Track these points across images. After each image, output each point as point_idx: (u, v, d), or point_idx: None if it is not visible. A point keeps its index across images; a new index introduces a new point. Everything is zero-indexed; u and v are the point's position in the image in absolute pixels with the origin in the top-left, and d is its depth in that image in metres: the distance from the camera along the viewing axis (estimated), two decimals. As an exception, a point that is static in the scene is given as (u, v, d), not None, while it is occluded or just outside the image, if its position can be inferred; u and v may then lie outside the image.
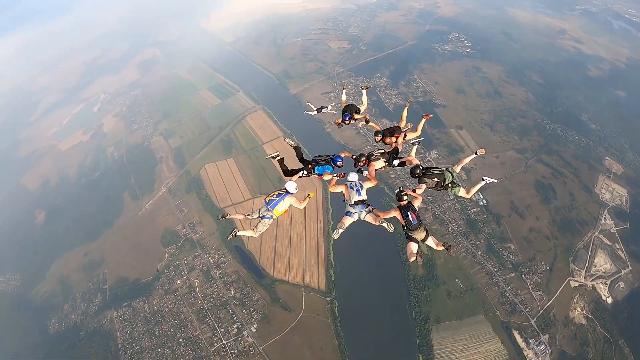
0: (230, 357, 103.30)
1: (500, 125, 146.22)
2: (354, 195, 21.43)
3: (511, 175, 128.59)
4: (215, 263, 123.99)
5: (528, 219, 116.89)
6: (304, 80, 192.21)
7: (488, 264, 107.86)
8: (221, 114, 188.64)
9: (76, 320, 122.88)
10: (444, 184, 22.82)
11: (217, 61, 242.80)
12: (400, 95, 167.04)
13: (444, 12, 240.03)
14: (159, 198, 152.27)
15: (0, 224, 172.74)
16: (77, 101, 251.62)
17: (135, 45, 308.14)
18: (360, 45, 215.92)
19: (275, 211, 22.46)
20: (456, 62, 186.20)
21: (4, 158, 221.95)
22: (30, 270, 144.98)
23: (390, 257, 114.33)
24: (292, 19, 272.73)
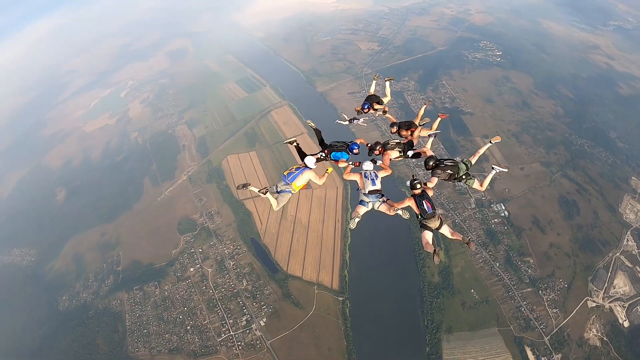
0: (237, 348, 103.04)
1: (526, 136, 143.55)
2: (369, 184, 21.33)
3: (535, 188, 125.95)
4: (229, 254, 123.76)
5: (549, 234, 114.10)
6: (332, 79, 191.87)
7: (505, 277, 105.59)
8: (247, 106, 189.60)
9: (87, 299, 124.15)
10: (458, 175, 22.65)
11: (246, 55, 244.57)
12: (427, 99, 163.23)
13: (476, 20, 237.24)
14: (178, 185, 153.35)
15: (21, 200, 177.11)
16: (106, 86, 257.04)
17: (166, 35, 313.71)
18: (390, 48, 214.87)
19: (294, 185, 22.42)
20: (486, 71, 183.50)
21: (29, 136, 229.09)
22: (46, 246, 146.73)
23: (407, 261, 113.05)
24: (323, 18, 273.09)
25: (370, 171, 22.09)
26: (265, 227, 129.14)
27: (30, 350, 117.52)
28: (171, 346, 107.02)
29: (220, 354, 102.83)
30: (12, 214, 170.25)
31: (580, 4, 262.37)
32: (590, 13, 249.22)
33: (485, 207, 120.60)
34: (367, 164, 22.57)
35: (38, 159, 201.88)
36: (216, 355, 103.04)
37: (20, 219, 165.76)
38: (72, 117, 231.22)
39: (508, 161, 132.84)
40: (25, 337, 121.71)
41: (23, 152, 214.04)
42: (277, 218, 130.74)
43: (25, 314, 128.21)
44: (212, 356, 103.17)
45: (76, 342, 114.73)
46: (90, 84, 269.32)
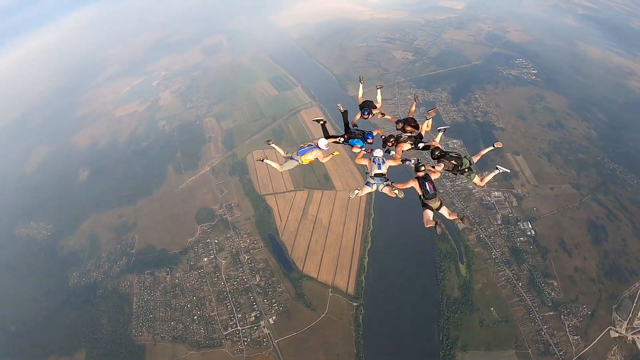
0: (242, 344, 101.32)
1: (558, 157, 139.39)
2: (375, 168, 23.02)
3: (564, 210, 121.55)
4: (245, 248, 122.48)
5: (575, 258, 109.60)
6: (365, 84, 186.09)
7: (527, 298, 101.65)
8: (277, 104, 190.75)
9: (97, 278, 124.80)
10: (461, 168, 23.65)
11: (280, 55, 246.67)
12: (459, 112, 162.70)
13: (513, 37, 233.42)
14: (201, 175, 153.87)
15: (44, 176, 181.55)
16: (139, 74, 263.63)
17: (203, 30, 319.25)
18: (424, 59, 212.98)
19: (302, 158, 25.28)
20: (520, 88, 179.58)
21: (60, 115, 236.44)
22: (63, 222, 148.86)
23: (427, 272, 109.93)
24: (359, 25, 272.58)
25: (379, 157, 23.64)
26: (284, 224, 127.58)
27: (35, 321, 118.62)
28: (175, 334, 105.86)
29: (224, 348, 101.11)
30: (34, 188, 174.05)
31: (619, 29, 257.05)
32: (629, 39, 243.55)
33: (511, 224, 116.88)
34: (377, 151, 24.09)
35: (66, 138, 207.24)
36: (220, 348, 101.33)
37: (41, 193, 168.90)
38: (104, 102, 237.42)
39: (538, 180, 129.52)
40: (32, 308, 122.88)
41: (53, 130, 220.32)
42: (297, 216, 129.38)
43: (35, 286, 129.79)
44: (216, 349, 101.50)
45: (80, 319, 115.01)
46: (124, 71, 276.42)
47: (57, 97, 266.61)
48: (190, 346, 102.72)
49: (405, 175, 21.50)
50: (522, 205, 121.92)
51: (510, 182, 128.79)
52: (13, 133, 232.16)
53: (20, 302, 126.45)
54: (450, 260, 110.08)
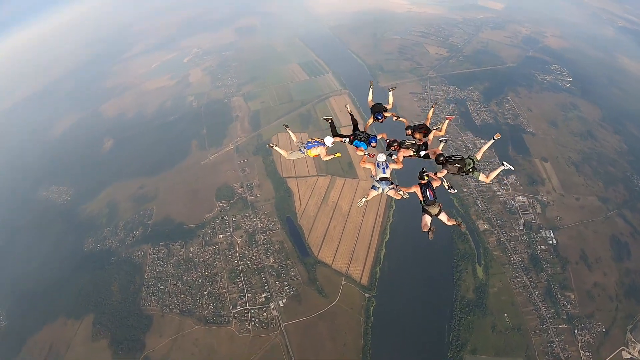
0: (250, 324, 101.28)
1: (587, 167, 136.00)
2: (380, 172, 23.53)
3: (588, 222, 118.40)
4: (262, 228, 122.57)
5: (595, 272, 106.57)
6: (396, 76, 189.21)
7: (542, 308, 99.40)
8: (306, 89, 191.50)
9: (112, 245, 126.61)
10: (465, 169, 23.59)
11: (313, 41, 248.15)
12: (490, 112, 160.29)
13: (550, 43, 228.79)
14: (225, 153, 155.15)
15: (69, 142, 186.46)
16: (170, 50, 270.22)
17: (238, 11, 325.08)
18: (459, 56, 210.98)
19: (308, 151, 25.76)
20: (553, 94, 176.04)
21: (90, 85, 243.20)
22: (83, 189, 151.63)
23: (443, 271, 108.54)
24: (395, 18, 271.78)
25: (382, 161, 23.98)
26: (303, 209, 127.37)
27: (47, 283, 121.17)
28: (184, 307, 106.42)
29: (231, 326, 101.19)
30: (58, 153, 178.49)
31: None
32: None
33: (533, 230, 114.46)
34: (380, 156, 24.32)
35: (94, 107, 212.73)
36: (227, 326, 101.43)
37: (65, 159, 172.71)
38: (134, 74, 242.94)
39: (564, 189, 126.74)
40: (45, 269, 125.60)
41: (81, 98, 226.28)
42: (317, 201, 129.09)
43: (50, 248, 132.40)
44: (223, 326, 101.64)
45: (92, 285, 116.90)
46: (156, 46, 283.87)
47: (88, 67, 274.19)
48: (198, 320, 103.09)
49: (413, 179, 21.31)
50: (546, 213, 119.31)
51: (536, 188, 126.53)
52: (42, 99, 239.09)
53: (34, 263, 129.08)
54: (468, 261, 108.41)
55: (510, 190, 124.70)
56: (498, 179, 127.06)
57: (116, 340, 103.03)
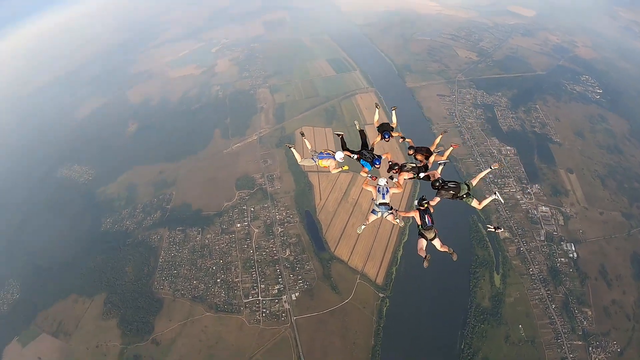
0: (260, 315, 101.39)
1: (612, 182, 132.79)
2: (379, 197, 24.91)
3: (610, 238, 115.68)
4: (280, 220, 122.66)
5: (614, 290, 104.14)
6: (424, 77, 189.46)
7: (558, 322, 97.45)
8: (332, 85, 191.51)
9: (129, 227, 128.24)
10: (459, 194, 24.85)
11: (342, 37, 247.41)
12: (517, 119, 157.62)
13: (581, 53, 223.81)
14: (247, 143, 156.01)
15: (94, 124, 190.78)
16: (198, 40, 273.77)
17: (267, 4, 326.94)
18: (488, 61, 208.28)
19: (319, 162, 27.30)
20: (582, 105, 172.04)
21: (117, 70, 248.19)
22: (105, 170, 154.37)
23: (460, 277, 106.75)
24: (425, 19, 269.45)
25: (383, 186, 25.16)
26: (323, 204, 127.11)
27: (63, 259, 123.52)
28: (196, 293, 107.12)
29: (242, 315, 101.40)
30: (82, 133, 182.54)
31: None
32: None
33: (554, 242, 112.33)
34: (381, 180, 25.48)
35: (120, 92, 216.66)
36: (237, 315, 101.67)
37: (89, 140, 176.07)
38: (161, 62, 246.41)
39: (588, 202, 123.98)
40: (62, 246, 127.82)
41: (108, 83, 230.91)
42: (337, 197, 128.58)
43: (68, 226, 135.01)
44: (233, 315, 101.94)
45: (106, 264, 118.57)
46: (185, 35, 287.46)
47: (116, 52, 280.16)
48: (208, 307, 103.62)
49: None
50: (568, 225, 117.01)
51: (559, 199, 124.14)
52: (70, 81, 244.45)
53: (51, 240, 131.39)
54: (486, 268, 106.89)
55: (533, 199, 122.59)
56: (522, 188, 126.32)
57: (126, 320, 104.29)
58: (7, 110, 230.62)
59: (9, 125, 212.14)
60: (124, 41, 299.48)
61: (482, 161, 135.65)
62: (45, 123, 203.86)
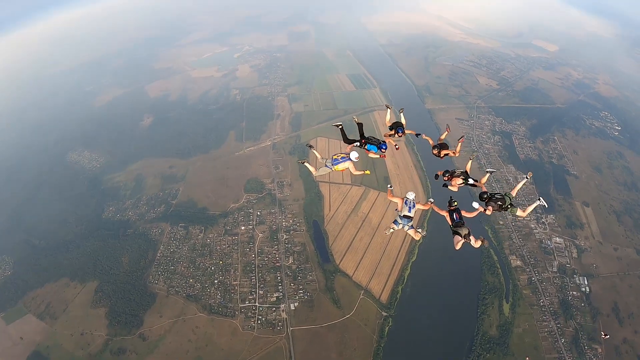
0: (255, 321, 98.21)
1: (628, 219, 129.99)
2: (406, 210, 25.10)
3: (624, 275, 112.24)
4: (286, 227, 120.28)
5: (626, 328, 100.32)
6: (443, 100, 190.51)
7: (567, 357, 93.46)
8: (351, 99, 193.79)
9: (131, 217, 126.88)
10: (504, 205, 25.69)
11: (365, 55, 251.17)
12: (534, 149, 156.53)
13: (601, 90, 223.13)
14: (260, 148, 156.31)
15: (110, 112, 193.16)
16: (223, 44, 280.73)
17: (294, 17, 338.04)
18: (509, 90, 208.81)
19: (335, 167, 27.05)
20: (600, 141, 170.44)
21: (140, 64, 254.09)
22: (115, 158, 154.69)
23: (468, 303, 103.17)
24: (448, 45, 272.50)
25: (411, 200, 25.57)
26: (332, 215, 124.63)
27: (60, 242, 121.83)
28: (191, 292, 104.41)
29: (235, 320, 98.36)
30: (97, 120, 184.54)
31: None
32: None
33: (567, 275, 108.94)
34: (410, 194, 26.05)
35: (140, 85, 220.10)
36: (231, 319, 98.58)
37: (103, 128, 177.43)
38: (184, 61, 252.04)
39: (603, 237, 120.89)
40: (61, 229, 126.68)
41: (130, 75, 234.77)
42: (347, 210, 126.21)
43: (70, 209, 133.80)
44: (227, 318, 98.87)
45: (103, 252, 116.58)
46: (210, 39, 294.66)
47: (142, 47, 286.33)
48: (202, 308, 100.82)
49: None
50: (582, 259, 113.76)
51: (574, 231, 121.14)
52: (93, 69, 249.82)
53: (52, 221, 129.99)
54: (495, 295, 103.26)
55: (547, 229, 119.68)
56: (536, 217, 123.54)
57: (115, 311, 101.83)
58: (30, 88, 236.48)
59: (30, 102, 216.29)
60: (151, 37, 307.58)
61: (498, 187, 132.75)
62: (64, 106, 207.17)
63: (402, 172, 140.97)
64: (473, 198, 27.01)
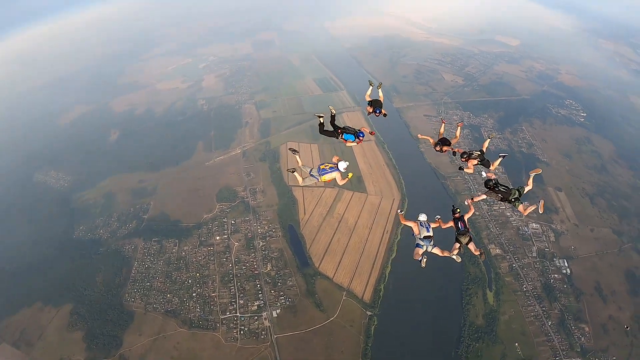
0: (238, 332, 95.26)
1: (601, 200, 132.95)
2: (424, 231, 24.78)
3: (603, 254, 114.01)
4: (262, 234, 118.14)
5: (610, 306, 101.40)
6: (410, 98, 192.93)
7: (555, 339, 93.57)
8: (319, 103, 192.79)
9: (102, 235, 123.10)
10: (508, 198, 26.07)
11: (330, 59, 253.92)
12: (504, 139, 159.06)
13: (564, 79, 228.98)
14: (231, 156, 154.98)
15: (76, 130, 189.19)
16: (188, 55, 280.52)
17: (258, 26, 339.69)
18: (474, 85, 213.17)
19: (322, 177, 26.92)
20: (568, 128, 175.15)
21: (105, 80, 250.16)
22: (83, 176, 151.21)
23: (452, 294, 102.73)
24: (412, 45, 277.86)
25: (424, 221, 25.41)
26: (307, 218, 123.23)
27: (31, 266, 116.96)
28: (169, 307, 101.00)
29: (218, 332, 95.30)
30: (63, 139, 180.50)
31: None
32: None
33: (547, 259, 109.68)
34: (422, 216, 25.91)
35: (105, 101, 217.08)
36: (213, 332, 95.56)
37: (70, 146, 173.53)
38: (149, 75, 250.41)
39: (579, 219, 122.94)
40: (32, 252, 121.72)
41: (95, 91, 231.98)
42: (322, 212, 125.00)
43: (40, 231, 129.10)
44: (209, 331, 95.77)
45: (76, 273, 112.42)
46: (175, 51, 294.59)
47: (106, 63, 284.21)
48: (182, 323, 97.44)
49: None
50: (560, 242, 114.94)
51: (550, 216, 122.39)
52: (58, 88, 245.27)
53: (22, 245, 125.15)
54: (478, 285, 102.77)
55: (523, 217, 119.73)
56: (511, 205, 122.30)
57: (92, 333, 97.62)
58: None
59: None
60: (115, 53, 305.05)
61: (471, 179, 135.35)
62: (29, 126, 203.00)
63: (375, 171, 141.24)
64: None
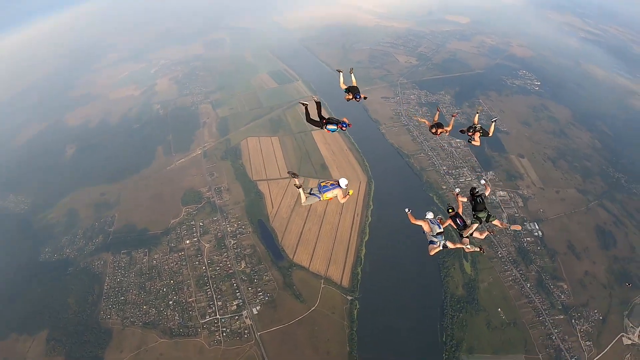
0: (221, 334, 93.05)
1: (563, 162, 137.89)
2: (435, 228, 25.63)
3: (571, 214, 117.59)
4: (232, 232, 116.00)
5: (584, 262, 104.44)
6: (367, 83, 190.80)
7: (536, 300, 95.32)
8: (276, 96, 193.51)
9: (70, 255, 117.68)
10: (479, 213, 26.58)
11: (283, 51, 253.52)
12: (462, 114, 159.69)
13: (516, 52, 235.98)
14: (191, 158, 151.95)
15: (31, 151, 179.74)
16: (139, 61, 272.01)
17: (207, 26, 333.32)
18: (428, 64, 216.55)
19: (324, 195, 26.09)
20: (523, 97, 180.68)
21: (56, 95, 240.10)
22: (43, 197, 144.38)
23: (430, 268, 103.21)
24: (364, 31, 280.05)
25: (433, 219, 26.11)
26: (276, 211, 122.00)
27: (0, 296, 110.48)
28: (147, 319, 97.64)
29: (199, 337, 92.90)
30: (19, 162, 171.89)
31: (621, 53, 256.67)
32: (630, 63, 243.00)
33: (518, 224, 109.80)
34: (429, 214, 26.50)
35: (59, 116, 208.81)
36: (195, 338, 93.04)
37: (25, 167, 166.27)
38: (100, 85, 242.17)
39: (543, 183, 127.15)
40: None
41: (47, 108, 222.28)
42: (290, 203, 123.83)
43: (4, 259, 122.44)
44: (191, 338, 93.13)
45: (47, 297, 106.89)
46: (125, 58, 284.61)
47: (56, 77, 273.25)
48: (162, 333, 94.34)
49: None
50: (528, 206, 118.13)
51: (515, 182, 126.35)
52: (8, 109, 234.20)
53: None
54: (455, 257, 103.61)
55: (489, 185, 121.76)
56: (477, 176, 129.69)
57: (72, 357, 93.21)
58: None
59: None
60: (65, 66, 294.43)
61: (434, 155, 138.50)
62: None
63: (338, 157, 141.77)
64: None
